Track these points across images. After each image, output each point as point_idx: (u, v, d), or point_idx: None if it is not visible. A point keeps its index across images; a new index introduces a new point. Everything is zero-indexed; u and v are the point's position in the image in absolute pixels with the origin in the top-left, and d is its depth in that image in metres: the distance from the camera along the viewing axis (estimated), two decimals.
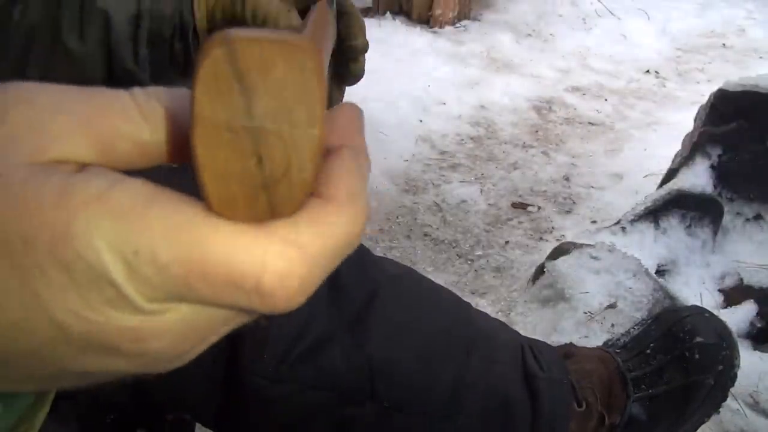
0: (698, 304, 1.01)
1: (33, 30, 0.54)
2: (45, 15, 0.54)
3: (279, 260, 0.18)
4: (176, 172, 0.24)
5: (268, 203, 0.19)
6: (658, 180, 1.56)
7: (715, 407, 0.83)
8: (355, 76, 0.57)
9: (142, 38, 0.55)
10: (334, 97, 0.57)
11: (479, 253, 1.56)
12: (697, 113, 1.52)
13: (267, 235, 0.19)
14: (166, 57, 0.56)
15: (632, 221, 1.40)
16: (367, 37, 0.58)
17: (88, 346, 0.19)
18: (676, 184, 1.41)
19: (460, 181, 1.88)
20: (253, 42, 0.18)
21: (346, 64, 0.56)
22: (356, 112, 0.23)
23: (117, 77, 0.55)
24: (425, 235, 1.63)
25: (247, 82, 0.18)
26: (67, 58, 0.54)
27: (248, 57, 0.18)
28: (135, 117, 0.21)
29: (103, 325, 0.19)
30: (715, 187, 1.41)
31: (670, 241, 1.38)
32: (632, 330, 0.89)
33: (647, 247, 1.37)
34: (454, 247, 1.58)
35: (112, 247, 0.18)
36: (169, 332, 0.20)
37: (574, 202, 1.80)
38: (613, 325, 1.13)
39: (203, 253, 0.18)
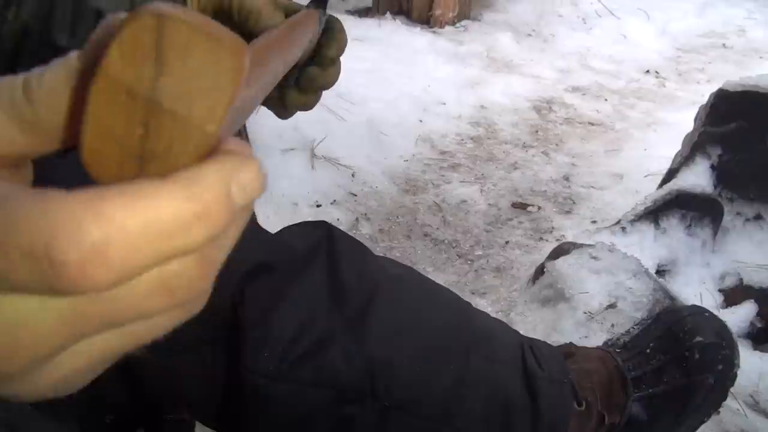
0: (698, 304, 1.01)
1: (24, 30, 0.54)
2: (36, 15, 0.54)
3: (75, 226, 0.17)
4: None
5: (135, 174, 0.19)
6: (658, 180, 1.56)
7: (715, 407, 0.83)
8: (320, 85, 0.57)
9: None
10: (291, 100, 0.58)
11: (479, 253, 1.56)
12: (697, 113, 1.52)
13: (76, 201, 0.18)
14: None
15: (632, 221, 1.40)
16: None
17: None
18: (676, 184, 1.41)
19: (460, 181, 1.88)
20: (184, 24, 0.18)
21: (314, 70, 0.56)
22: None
23: None
24: (425, 235, 1.63)
25: (165, 57, 0.18)
26: (56, 56, 0.54)
27: (174, 35, 0.18)
28: (15, 99, 0.20)
29: None
30: (715, 187, 1.41)
31: (670, 241, 1.38)
32: (632, 330, 0.89)
33: (647, 247, 1.37)
34: (454, 247, 1.58)
35: None
36: None
37: (574, 202, 1.80)
38: (613, 325, 1.13)
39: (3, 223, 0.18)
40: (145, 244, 0.18)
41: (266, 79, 0.29)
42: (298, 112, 0.60)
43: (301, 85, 0.57)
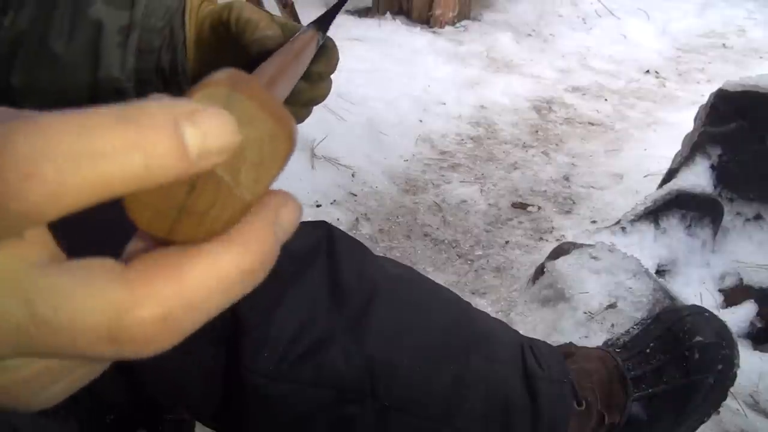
0: (698, 304, 1.01)
1: (21, 36, 0.54)
2: (34, 21, 0.54)
3: (132, 309, 0.18)
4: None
5: (171, 223, 0.20)
6: (658, 180, 1.56)
7: (715, 407, 0.83)
8: (308, 99, 0.57)
9: (131, 47, 0.55)
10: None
11: (479, 253, 1.56)
12: (697, 113, 1.52)
13: (118, 285, 0.18)
14: (153, 67, 0.57)
15: (632, 221, 1.40)
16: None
17: None
18: (676, 184, 1.41)
19: (460, 181, 1.88)
20: (253, 99, 0.19)
21: (301, 84, 0.56)
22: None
23: (101, 85, 0.56)
24: (425, 235, 1.63)
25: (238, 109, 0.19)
26: (52, 63, 0.54)
27: (240, 107, 0.19)
28: None
29: None
30: (715, 187, 1.42)
31: (670, 241, 1.38)
32: (632, 329, 0.89)
33: (647, 247, 1.37)
34: (454, 247, 1.58)
35: None
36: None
37: (574, 202, 1.80)
38: (613, 325, 1.13)
39: (42, 308, 0.18)
40: (73, 167, 0.17)
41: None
42: None
43: (288, 99, 0.56)
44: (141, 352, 0.18)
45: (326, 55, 0.55)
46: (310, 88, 0.56)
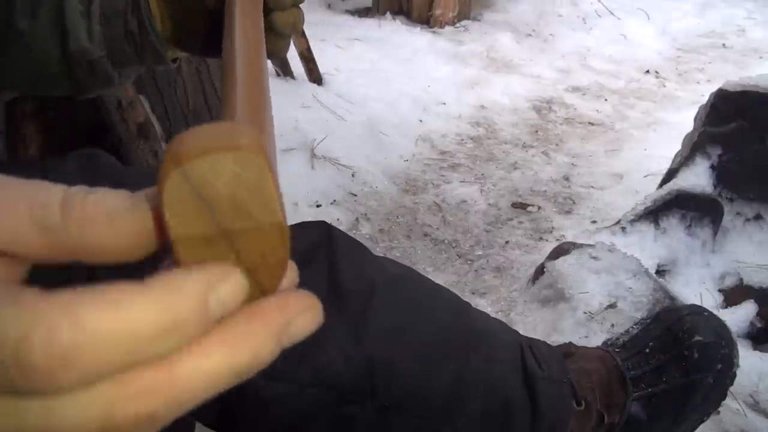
0: (698, 303, 1.01)
1: None
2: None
3: (46, 329, 0.17)
4: None
5: (256, 286, 0.21)
6: (658, 180, 1.56)
7: (715, 406, 0.83)
8: (282, 25, 0.55)
9: (94, 14, 0.55)
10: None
11: (479, 253, 1.56)
12: (697, 113, 1.52)
13: (51, 303, 0.18)
14: (121, 32, 0.57)
15: (632, 221, 1.40)
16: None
17: None
18: (676, 184, 1.41)
19: (460, 181, 1.88)
20: (200, 159, 0.19)
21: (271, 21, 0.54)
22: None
23: (72, 57, 0.55)
24: (425, 235, 1.63)
25: (205, 195, 0.20)
26: (19, 41, 0.54)
27: (199, 174, 0.20)
28: (48, 210, 0.21)
29: None
30: (715, 187, 1.42)
31: (670, 241, 1.38)
32: (631, 329, 0.89)
33: (647, 247, 1.37)
34: (454, 247, 1.58)
35: None
36: None
37: (574, 202, 1.80)
38: (613, 325, 1.13)
39: None
40: (115, 351, 0.18)
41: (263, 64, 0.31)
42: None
43: (272, 5, 0.55)
44: (38, 384, 0.18)
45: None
46: (283, 14, 0.55)
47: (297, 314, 0.21)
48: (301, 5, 0.57)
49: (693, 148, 1.44)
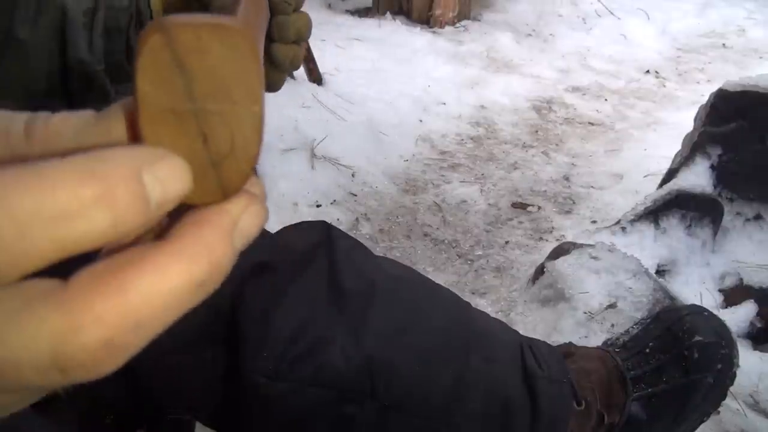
0: (698, 303, 1.01)
1: None
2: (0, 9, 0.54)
3: (71, 335, 0.17)
4: None
5: (217, 180, 0.20)
6: (658, 180, 1.56)
7: (715, 406, 0.83)
8: (295, 31, 0.54)
9: (97, 28, 0.55)
10: (278, 54, 0.57)
11: (479, 253, 1.56)
12: (697, 113, 1.52)
13: (49, 311, 0.17)
14: (122, 47, 0.56)
15: (632, 221, 1.40)
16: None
17: None
18: (676, 184, 1.41)
19: (460, 181, 1.88)
20: (188, 27, 0.19)
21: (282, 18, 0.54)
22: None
23: (71, 67, 0.55)
24: (425, 235, 1.63)
25: (186, 66, 0.19)
26: (18, 50, 0.54)
27: (184, 42, 0.19)
28: (11, 131, 0.20)
29: None
30: (715, 187, 1.42)
31: (670, 241, 1.38)
32: (631, 329, 0.89)
33: (647, 247, 1.37)
34: (454, 247, 1.58)
35: None
36: None
37: (574, 202, 1.80)
38: (613, 325, 1.13)
39: None
40: (41, 231, 0.16)
41: (262, 37, 0.30)
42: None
43: (275, 36, 0.55)
44: (90, 376, 0.17)
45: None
46: (292, 19, 0.54)
47: (242, 210, 0.20)
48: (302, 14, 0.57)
49: (693, 148, 1.44)
